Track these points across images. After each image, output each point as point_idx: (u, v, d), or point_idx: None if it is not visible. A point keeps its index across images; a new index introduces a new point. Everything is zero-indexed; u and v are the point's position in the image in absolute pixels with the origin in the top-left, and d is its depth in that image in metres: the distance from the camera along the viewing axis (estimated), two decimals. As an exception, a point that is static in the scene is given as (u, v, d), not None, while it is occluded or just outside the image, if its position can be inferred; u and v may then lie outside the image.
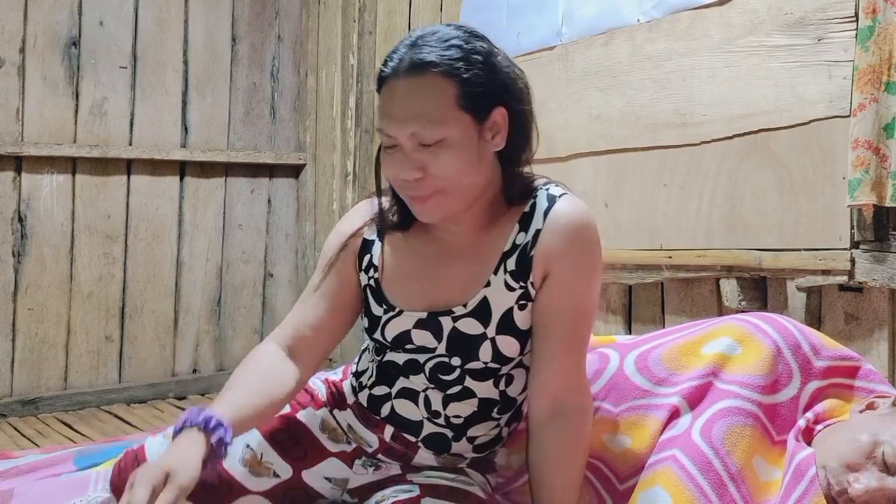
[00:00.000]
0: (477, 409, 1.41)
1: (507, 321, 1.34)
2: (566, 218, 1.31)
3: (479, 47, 1.27)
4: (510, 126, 1.29)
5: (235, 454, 1.46)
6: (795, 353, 1.53)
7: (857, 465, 1.38)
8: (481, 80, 1.24)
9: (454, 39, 1.25)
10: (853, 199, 1.83)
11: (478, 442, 1.45)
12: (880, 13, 1.80)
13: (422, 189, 1.26)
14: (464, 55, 1.24)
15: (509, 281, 1.33)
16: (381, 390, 1.45)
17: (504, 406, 1.43)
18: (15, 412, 3.04)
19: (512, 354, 1.37)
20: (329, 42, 3.59)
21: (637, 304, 2.44)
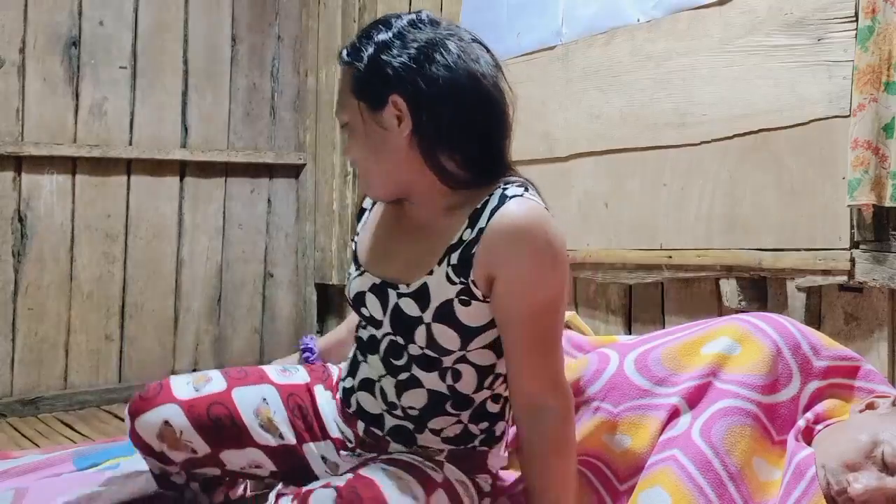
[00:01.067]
0: (428, 401, 1.40)
1: (447, 311, 1.33)
2: (508, 219, 1.27)
3: (387, 38, 1.30)
4: (414, 116, 1.30)
5: (252, 403, 1.55)
6: (795, 353, 1.53)
7: (856, 465, 1.38)
8: (375, 68, 1.29)
9: (376, 29, 1.33)
10: (853, 199, 1.83)
11: (445, 435, 1.43)
12: (880, 13, 1.80)
13: (353, 167, 1.40)
14: (368, 45, 1.31)
15: (451, 274, 1.32)
16: (348, 382, 1.52)
17: (457, 402, 1.40)
18: (15, 412, 3.04)
19: (450, 346, 1.35)
20: (329, 42, 3.59)
21: (637, 304, 2.44)
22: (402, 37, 1.31)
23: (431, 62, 1.29)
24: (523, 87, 2.74)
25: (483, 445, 1.47)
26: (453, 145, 1.32)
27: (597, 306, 2.54)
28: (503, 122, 1.36)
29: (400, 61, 1.29)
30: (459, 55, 1.30)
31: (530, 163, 2.69)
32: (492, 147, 1.35)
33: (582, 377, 1.61)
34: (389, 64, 1.29)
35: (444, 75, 1.28)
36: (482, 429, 1.45)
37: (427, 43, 1.30)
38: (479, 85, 1.31)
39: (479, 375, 1.40)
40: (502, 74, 1.37)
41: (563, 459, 1.36)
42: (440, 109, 1.29)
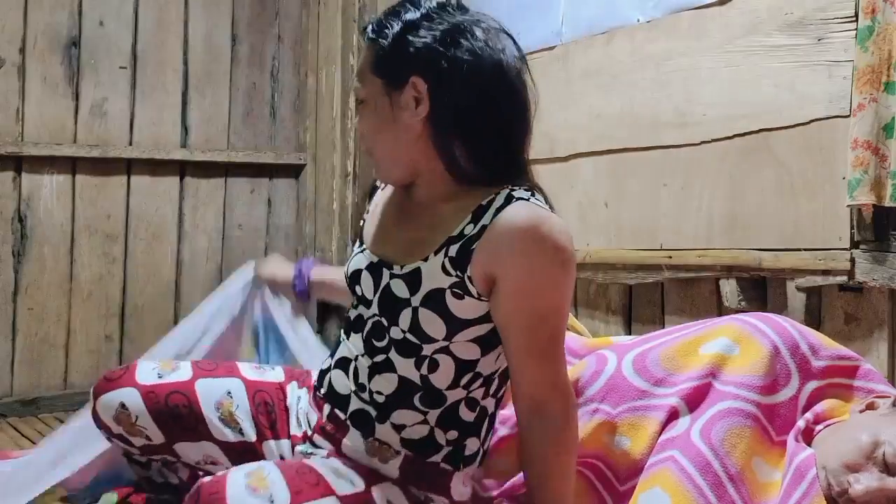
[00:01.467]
0: (397, 387, 1.35)
1: (437, 299, 1.30)
2: (512, 220, 1.24)
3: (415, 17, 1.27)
4: (433, 100, 1.27)
5: (214, 395, 1.55)
6: (794, 354, 1.53)
7: (857, 466, 1.38)
8: (399, 47, 1.27)
9: (405, 8, 1.29)
10: (853, 199, 1.83)
11: (406, 434, 1.36)
12: (880, 13, 1.80)
13: (364, 146, 1.40)
14: (395, 22, 1.28)
15: (447, 266, 1.29)
16: (325, 364, 1.50)
17: (427, 396, 1.35)
18: (15, 412, 3.03)
19: (434, 334, 1.31)
20: (329, 42, 3.59)
21: (637, 304, 2.44)
22: (429, 18, 1.27)
23: (457, 46, 1.25)
24: (523, 87, 2.74)
25: (448, 463, 1.38)
26: (468, 135, 1.28)
27: (597, 306, 2.54)
28: (523, 116, 1.32)
29: (424, 42, 1.25)
30: (486, 42, 1.26)
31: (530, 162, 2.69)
32: (508, 144, 1.31)
33: (580, 378, 1.60)
34: (413, 44, 1.26)
35: (468, 60, 1.24)
36: (450, 439, 1.37)
37: (454, 26, 1.26)
38: (503, 75, 1.28)
39: (458, 370, 1.34)
40: (527, 67, 1.33)
41: (563, 460, 1.35)
42: (460, 96, 1.26)
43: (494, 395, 1.42)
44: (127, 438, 1.56)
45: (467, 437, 1.39)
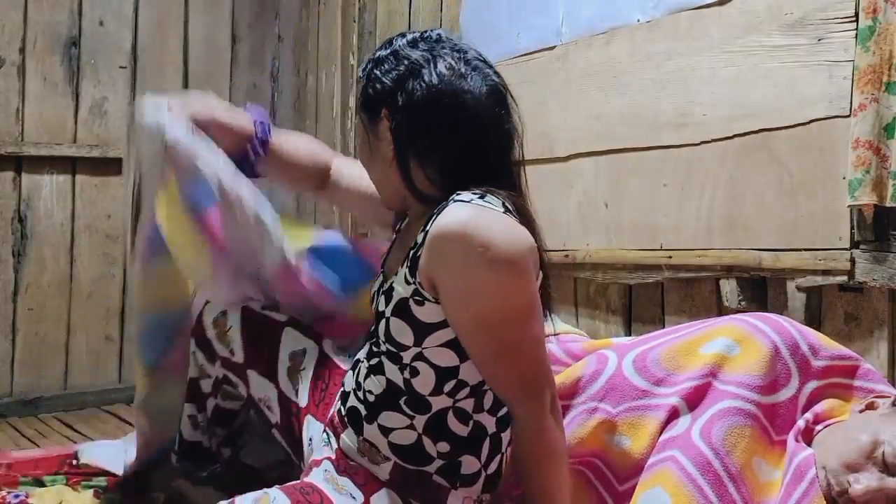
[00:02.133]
0: (385, 388, 1.38)
1: (403, 307, 1.34)
2: (438, 226, 1.27)
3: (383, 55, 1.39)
4: (393, 131, 1.37)
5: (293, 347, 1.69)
6: (794, 353, 1.53)
7: (857, 466, 1.38)
8: (373, 84, 1.39)
9: (381, 47, 1.42)
10: (854, 199, 1.83)
11: (393, 439, 1.38)
12: (880, 13, 1.80)
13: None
14: (371, 61, 1.42)
15: (407, 275, 1.34)
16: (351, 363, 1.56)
17: (412, 401, 1.36)
18: (15, 412, 3.04)
19: (404, 341, 1.34)
20: (329, 42, 3.59)
21: (637, 304, 2.44)
22: (395, 54, 1.38)
23: (416, 79, 1.34)
24: (523, 87, 2.74)
25: (442, 476, 1.38)
26: (424, 159, 1.36)
27: (597, 306, 2.54)
28: (486, 140, 1.36)
29: (389, 77, 1.36)
30: (444, 76, 1.34)
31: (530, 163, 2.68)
32: (466, 165, 1.35)
33: (580, 378, 1.61)
34: (380, 79, 1.38)
35: (422, 93, 1.34)
36: (441, 451, 1.37)
37: (416, 61, 1.36)
38: (460, 104, 1.34)
39: (438, 377, 1.34)
40: (503, 93, 1.40)
41: (545, 465, 1.34)
42: (415, 125, 1.35)
43: (493, 412, 1.40)
44: (213, 347, 1.73)
45: (462, 454, 1.38)
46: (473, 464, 1.39)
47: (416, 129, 1.35)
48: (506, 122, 1.39)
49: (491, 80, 1.39)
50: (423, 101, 1.34)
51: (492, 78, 1.39)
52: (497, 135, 1.38)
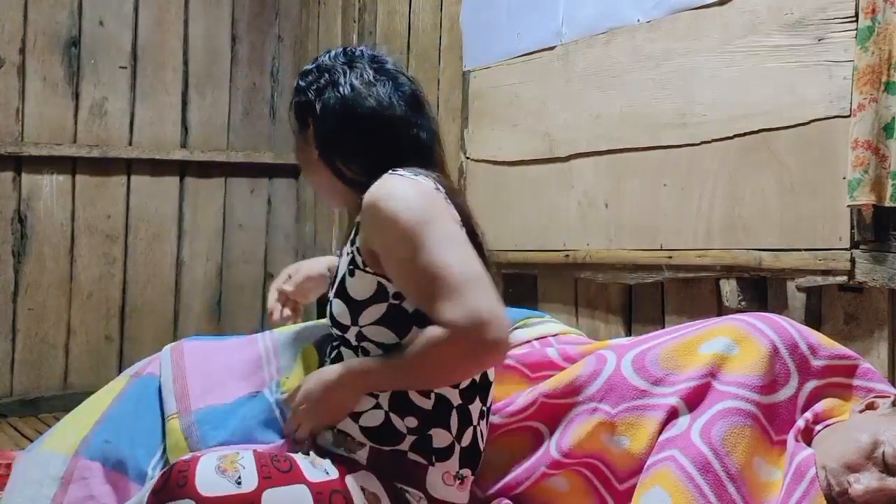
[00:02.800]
0: None
1: (341, 286, 1.44)
2: (366, 196, 1.39)
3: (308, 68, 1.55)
4: (316, 136, 1.51)
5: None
6: (793, 353, 1.53)
7: (857, 466, 1.38)
8: (298, 95, 1.54)
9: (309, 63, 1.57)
10: (853, 199, 1.83)
11: (364, 423, 1.40)
12: (880, 13, 1.80)
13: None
14: (298, 76, 1.56)
15: (347, 247, 1.46)
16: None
17: None
18: (15, 412, 3.04)
19: (342, 321, 1.43)
20: (329, 42, 3.59)
21: (637, 304, 2.44)
22: (318, 67, 1.54)
23: (333, 88, 1.49)
24: (523, 87, 2.75)
25: (417, 453, 1.40)
26: (346, 157, 1.48)
27: (597, 306, 2.54)
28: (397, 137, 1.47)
29: (311, 89, 1.51)
30: (356, 84, 1.48)
31: (530, 163, 2.69)
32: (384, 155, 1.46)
33: (579, 378, 1.60)
34: (304, 91, 1.53)
35: (336, 101, 1.47)
36: (410, 427, 1.40)
37: (333, 72, 1.50)
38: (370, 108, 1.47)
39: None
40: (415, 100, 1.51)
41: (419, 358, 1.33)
42: (330, 128, 1.48)
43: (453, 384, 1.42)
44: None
45: (430, 427, 1.41)
46: (445, 437, 1.42)
47: (333, 132, 1.48)
48: (419, 122, 1.50)
49: (403, 86, 1.51)
50: (337, 109, 1.48)
51: (405, 85, 1.52)
52: (409, 135, 1.49)
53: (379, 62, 1.53)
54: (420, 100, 1.53)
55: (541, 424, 1.62)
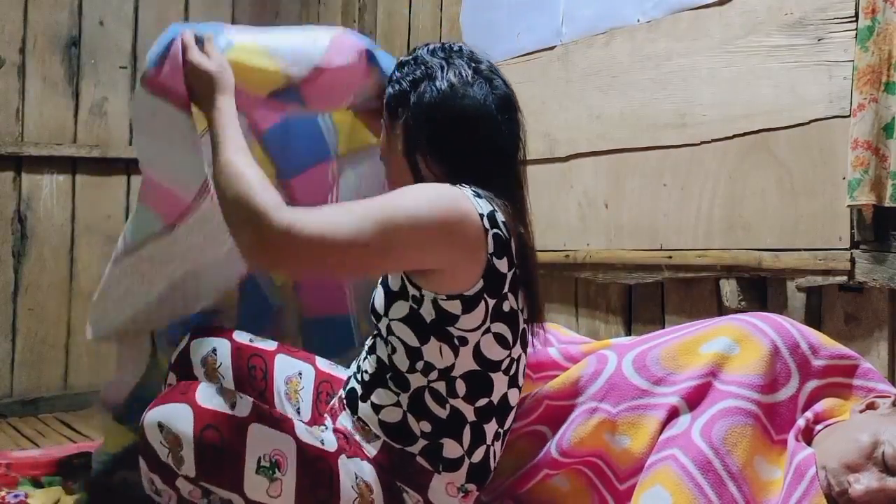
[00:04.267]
0: (376, 367, 1.47)
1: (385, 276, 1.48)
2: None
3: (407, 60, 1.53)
4: (404, 129, 1.49)
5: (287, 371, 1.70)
6: (793, 353, 1.53)
7: (857, 466, 1.38)
8: (393, 85, 1.53)
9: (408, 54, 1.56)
10: (853, 199, 1.83)
11: (383, 417, 1.44)
12: (880, 13, 1.80)
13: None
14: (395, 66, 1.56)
15: None
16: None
17: (395, 378, 1.43)
18: (15, 412, 3.04)
19: (379, 308, 1.46)
20: (329, 42, 3.58)
21: (637, 304, 2.44)
22: (415, 59, 1.52)
23: (429, 82, 1.47)
24: (523, 87, 2.74)
25: (425, 459, 1.43)
26: (429, 156, 1.46)
27: (597, 306, 2.54)
28: (486, 143, 1.47)
29: (406, 80, 1.50)
30: (454, 84, 1.46)
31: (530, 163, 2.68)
32: (466, 163, 1.46)
33: (580, 378, 1.61)
34: (399, 81, 1.51)
35: (431, 97, 1.46)
36: (424, 431, 1.42)
37: (431, 67, 1.48)
38: (464, 109, 1.46)
39: (409, 355, 1.41)
40: (508, 105, 1.50)
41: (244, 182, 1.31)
42: (422, 123, 1.46)
43: (469, 401, 1.42)
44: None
45: (442, 436, 1.42)
46: (455, 448, 1.43)
47: (423, 128, 1.46)
48: (508, 128, 1.49)
49: (498, 89, 1.49)
50: (431, 104, 1.46)
51: (500, 88, 1.50)
52: (497, 139, 1.48)
53: (477, 61, 1.52)
54: (512, 104, 1.52)
55: (545, 428, 1.62)
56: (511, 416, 1.52)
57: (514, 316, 1.43)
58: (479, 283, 1.36)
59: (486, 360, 1.41)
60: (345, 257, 1.27)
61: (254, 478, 1.31)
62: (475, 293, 1.36)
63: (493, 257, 1.36)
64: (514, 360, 1.47)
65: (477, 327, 1.38)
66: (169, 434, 1.29)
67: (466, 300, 1.36)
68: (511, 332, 1.43)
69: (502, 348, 1.42)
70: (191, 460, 1.29)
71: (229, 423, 1.32)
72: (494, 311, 1.39)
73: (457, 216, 1.33)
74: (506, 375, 1.45)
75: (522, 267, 1.43)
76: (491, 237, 1.36)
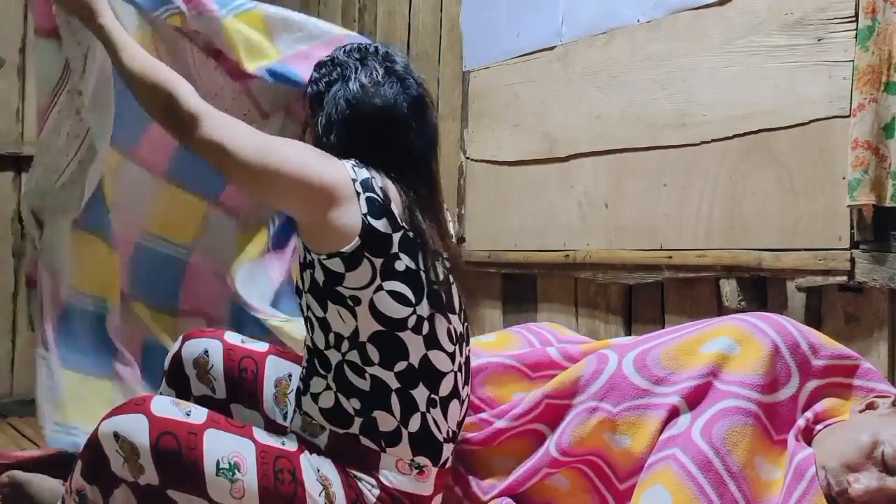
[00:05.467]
0: (306, 356, 1.51)
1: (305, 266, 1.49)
2: None
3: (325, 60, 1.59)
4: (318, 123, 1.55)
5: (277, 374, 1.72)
6: (794, 353, 1.53)
7: (857, 466, 1.38)
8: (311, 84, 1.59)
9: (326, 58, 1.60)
10: (853, 199, 1.83)
11: (322, 404, 1.45)
12: (880, 13, 1.80)
13: None
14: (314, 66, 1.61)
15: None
16: None
17: (319, 360, 1.46)
18: (15, 412, 3.03)
19: (300, 284, 1.50)
20: (329, 42, 3.58)
21: (637, 304, 2.44)
22: (332, 60, 1.57)
23: (342, 83, 1.52)
24: (523, 88, 2.75)
25: (367, 438, 1.43)
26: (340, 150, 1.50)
27: (597, 306, 2.55)
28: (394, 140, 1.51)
29: (323, 80, 1.55)
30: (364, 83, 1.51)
31: (530, 163, 2.70)
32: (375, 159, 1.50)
33: (581, 377, 1.61)
34: (317, 81, 1.57)
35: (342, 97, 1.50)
36: (356, 408, 1.43)
37: (346, 68, 1.53)
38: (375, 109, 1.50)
39: (321, 329, 1.45)
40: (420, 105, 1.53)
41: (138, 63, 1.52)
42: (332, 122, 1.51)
43: (386, 366, 1.43)
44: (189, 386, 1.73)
45: (373, 409, 1.43)
46: (388, 420, 1.43)
47: (333, 125, 1.51)
48: (419, 128, 1.52)
49: (410, 89, 1.53)
50: (342, 104, 1.50)
51: (412, 88, 1.53)
52: (407, 139, 1.51)
53: (391, 61, 1.55)
54: (424, 104, 1.54)
55: (544, 426, 1.62)
56: (447, 382, 1.48)
57: (412, 275, 1.44)
58: (356, 241, 1.40)
59: (386, 318, 1.42)
60: (234, 170, 1.42)
61: (215, 480, 1.32)
62: (354, 251, 1.40)
63: (369, 217, 1.41)
64: (425, 319, 1.45)
65: (366, 285, 1.40)
66: (125, 443, 1.31)
67: (346, 258, 1.40)
68: (412, 291, 1.43)
69: (403, 305, 1.42)
70: (151, 468, 1.30)
71: (185, 430, 1.34)
72: (384, 269, 1.41)
73: (328, 177, 1.41)
74: (417, 335, 1.44)
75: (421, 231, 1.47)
76: (364, 200, 1.41)
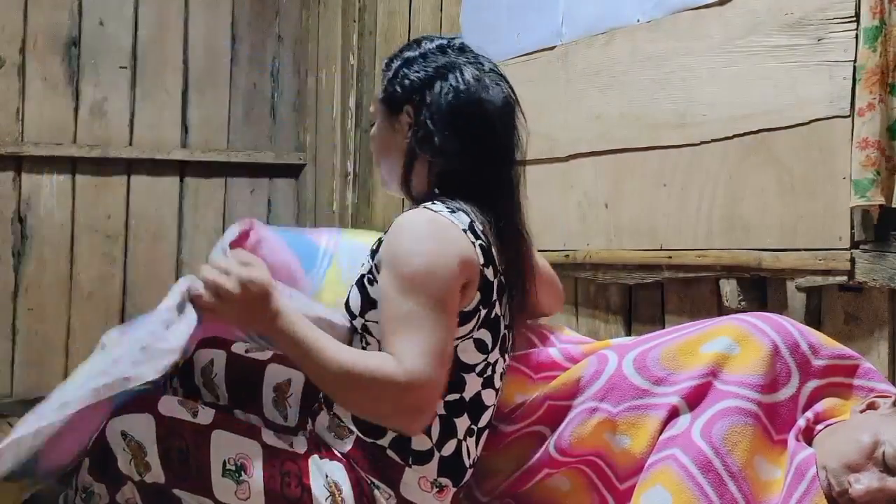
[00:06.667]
0: None
1: (361, 280, 1.46)
2: (399, 218, 1.41)
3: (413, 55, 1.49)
4: (414, 124, 1.47)
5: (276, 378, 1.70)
6: (794, 353, 1.53)
7: (857, 466, 1.38)
8: (400, 81, 1.49)
9: (409, 47, 1.53)
10: (866, 199, 1.82)
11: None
12: (887, 14, 1.80)
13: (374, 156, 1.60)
14: (398, 58, 1.52)
15: (370, 256, 1.46)
16: None
17: None
18: (15, 412, 3.03)
19: (354, 309, 1.46)
20: (329, 42, 3.59)
21: (637, 304, 2.44)
22: (424, 56, 1.49)
23: (444, 81, 1.45)
24: (523, 88, 2.74)
25: (395, 452, 1.42)
26: (431, 157, 1.44)
27: (597, 306, 2.55)
28: (493, 149, 1.47)
29: (417, 76, 1.46)
30: (470, 82, 1.45)
31: (530, 163, 2.69)
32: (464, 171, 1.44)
33: (581, 378, 1.61)
34: (408, 77, 1.47)
35: (449, 96, 1.44)
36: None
37: (443, 65, 1.46)
38: (481, 112, 1.45)
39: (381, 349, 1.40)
40: (513, 109, 1.51)
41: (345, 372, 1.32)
42: (435, 125, 1.44)
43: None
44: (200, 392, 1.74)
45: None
46: (424, 441, 1.42)
47: (436, 128, 1.44)
48: (513, 134, 1.50)
49: (505, 92, 1.49)
50: (449, 104, 1.44)
51: (506, 91, 1.50)
52: (504, 146, 1.49)
53: (481, 62, 1.51)
54: (516, 109, 1.52)
55: (545, 427, 1.62)
56: (487, 414, 1.51)
57: (496, 322, 1.44)
58: (477, 296, 1.38)
59: (460, 363, 1.41)
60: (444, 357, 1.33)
61: (220, 481, 1.32)
62: (473, 307, 1.38)
63: (483, 268, 1.38)
64: (491, 365, 1.47)
65: (464, 336, 1.40)
66: (132, 442, 1.31)
67: (463, 315, 1.38)
68: (492, 338, 1.44)
69: (480, 353, 1.43)
70: (158, 467, 1.31)
71: (191, 430, 1.34)
72: (485, 318, 1.41)
73: (458, 273, 1.34)
74: (479, 377, 1.46)
75: (512, 269, 1.45)
76: (479, 248, 1.38)
